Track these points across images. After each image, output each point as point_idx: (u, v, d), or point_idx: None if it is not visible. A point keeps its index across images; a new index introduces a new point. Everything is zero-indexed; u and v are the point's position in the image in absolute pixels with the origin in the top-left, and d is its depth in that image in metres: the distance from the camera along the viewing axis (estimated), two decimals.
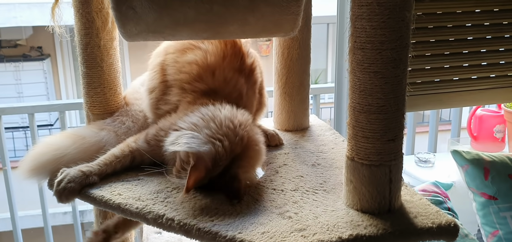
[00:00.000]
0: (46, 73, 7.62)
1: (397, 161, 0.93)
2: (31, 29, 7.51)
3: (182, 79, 1.18)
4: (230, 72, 1.18)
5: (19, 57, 7.64)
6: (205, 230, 0.92)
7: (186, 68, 1.19)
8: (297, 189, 1.07)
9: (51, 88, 7.77)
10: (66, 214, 6.29)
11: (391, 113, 0.89)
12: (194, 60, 1.18)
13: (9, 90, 7.50)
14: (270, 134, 1.33)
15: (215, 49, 1.19)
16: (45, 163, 1.11)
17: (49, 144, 1.14)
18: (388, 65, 0.86)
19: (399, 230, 0.90)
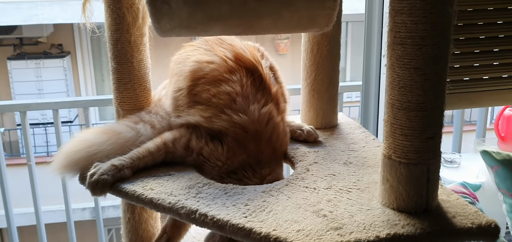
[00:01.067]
0: (66, 71, 7.70)
1: (435, 160, 0.91)
2: (52, 26, 7.60)
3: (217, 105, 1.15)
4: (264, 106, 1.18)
5: (40, 55, 7.74)
6: (239, 226, 0.91)
7: (223, 97, 1.16)
8: (330, 188, 1.05)
9: (70, 85, 7.85)
10: (85, 210, 6.37)
11: (430, 111, 0.87)
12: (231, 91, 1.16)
13: (30, 87, 7.60)
14: (307, 130, 1.31)
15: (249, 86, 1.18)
16: (78, 160, 1.12)
17: (82, 141, 1.15)
18: (429, 62, 0.84)
19: (437, 230, 0.88)
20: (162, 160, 1.17)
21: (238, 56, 1.20)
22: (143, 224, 1.36)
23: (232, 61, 1.19)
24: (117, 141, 1.16)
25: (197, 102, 1.17)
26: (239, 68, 1.18)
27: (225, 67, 1.18)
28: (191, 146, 1.16)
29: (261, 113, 1.15)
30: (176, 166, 1.18)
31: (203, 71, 1.19)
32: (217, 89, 1.16)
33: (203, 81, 1.19)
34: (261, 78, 1.20)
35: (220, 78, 1.16)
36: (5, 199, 2.27)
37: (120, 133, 1.18)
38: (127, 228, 1.37)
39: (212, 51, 1.22)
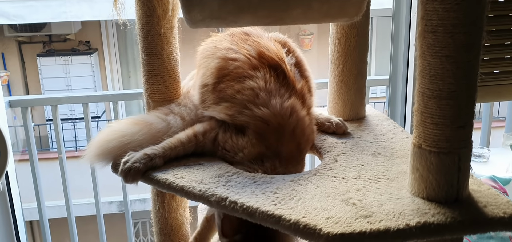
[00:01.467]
0: (93, 67, 7.84)
1: (466, 149, 0.90)
2: (80, 24, 7.75)
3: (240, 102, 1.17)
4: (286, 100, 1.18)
5: (68, 51, 7.91)
6: (268, 213, 0.92)
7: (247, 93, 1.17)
8: (359, 177, 1.06)
9: (98, 82, 8.00)
10: (112, 204, 6.49)
11: (462, 99, 0.87)
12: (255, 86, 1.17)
13: (59, 83, 7.77)
14: (336, 122, 1.32)
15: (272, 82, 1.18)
16: (111, 149, 1.15)
17: (115, 131, 1.18)
18: (461, 50, 0.84)
19: (468, 219, 0.87)
20: (193, 151, 1.19)
21: (261, 54, 1.21)
22: (172, 213, 1.39)
23: (256, 59, 1.20)
24: (149, 131, 1.18)
25: (222, 99, 1.19)
26: (263, 65, 1.19)
27: (248, 64, 1.19)
28: (218, 139, 1.19)
29: (283, 107, 1.15)
30: (205, 156, 1.20)
31: (228, 69, 1.21)
32: (241, 85, 1.17)
33: (227, 79, 1.20)
34: (284, 74, 1.20)
35: (244, 74, 1.18)
36: (37, 192, 2.34)
37: (152, 123, 1.21)
38: (157, 217, 1.40)
39: (237, 47, 1.23)
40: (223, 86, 1.20)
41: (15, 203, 1.91)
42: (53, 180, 3.84)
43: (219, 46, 1.27)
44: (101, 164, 1.18)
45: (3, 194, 1.80)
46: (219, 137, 1.18)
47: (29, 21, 7.06)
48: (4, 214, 1.82)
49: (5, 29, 7.44)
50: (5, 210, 1.81)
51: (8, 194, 1.82)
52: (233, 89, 1.18)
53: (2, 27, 7.40)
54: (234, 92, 1.17)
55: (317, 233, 0.85)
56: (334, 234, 0.84)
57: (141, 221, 7.55)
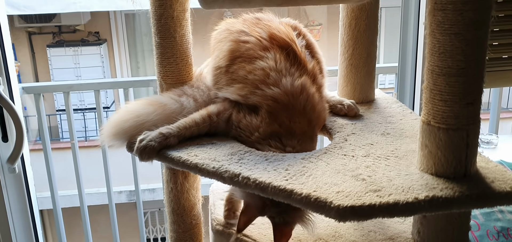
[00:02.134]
0: (103, 57, 7.90)
1: (475, 125, 0.92)
2: (89, 14, 7.81)
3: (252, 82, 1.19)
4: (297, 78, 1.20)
5: (77, 42, 7.97)
6: (280, 188, 0.95)
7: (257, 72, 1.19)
8: (368, 155, 1.08)
9: (107, 72, 8.06)
10: (121, 193, 6.56)
11: (471, 76, 0.89)
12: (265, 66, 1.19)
13: (68, 73, 7.84)
14: (348, 104, 1.34)
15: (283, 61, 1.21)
16: (127, 129, 1.18)
17: (131, 111, 1.21)
18: (470, 27, 0.85)
19: (476, 194, 0.89)
20: (207, 131, 1.22)
21: (272, 35, 1.23)
22: (185, 193, 1.42)
23: (267, 41, 1.22)
24: (163, 112, 1.21)
25: (234, 80, 1.22)
26: (273, 46, 1.21)
27: (259, 46, 1.21)
28: (232, 119, 1.22)
29: (293, 86, 1.17)
30: (218, 136, 1.23)
31: (239, 51, 1.24)
32: (252, 66, 1.20)
33: (239, 60, 1.23)
34: (295, 55, 1.23)
35: (255, 55, 1.20)
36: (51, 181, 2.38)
37: (166, 104, 1.24)
38: (170, 197, 1.43)
39: (249, 30, 1.26)
40: (235, 68, 1.23)
41: (30, 187, 1.94)
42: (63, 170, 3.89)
43: (231, 29, 1.30)
44: (117, 143, 1.21)
45: (19, 176, 1.84)
46: (233, 117, 1.21)
47: (39, 12, 7.13)
48: (20, 196, 1.86)
49: (15, 20, 7.51)
50: (21, 192, 1.85)
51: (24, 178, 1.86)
52: (244, 70, 1.20)
53: (12, 18, 7.47)
54: (245, 73, 1.20)
55: (328, 206, 0.87)
56: (345, 206, 0.86)
57: (150, 211, 7.62)
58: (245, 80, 1.20)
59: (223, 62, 1.27)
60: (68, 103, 2.43)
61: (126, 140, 1.21)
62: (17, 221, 1.89)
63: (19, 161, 1.80)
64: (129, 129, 1.18)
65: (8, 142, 1.80)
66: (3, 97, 1.69)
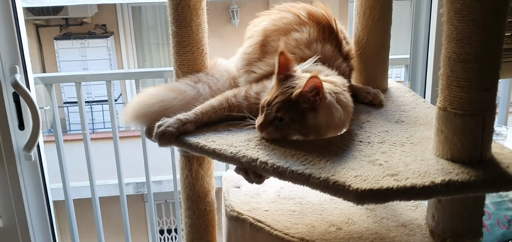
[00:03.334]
0: (109, 50, 7.94)
1: (490, 111, 0.94)
2: (96, 7, 7.83)
3: (294, 45, 1.22)
4: (334, 52, 1.24)
5: (84, 35, 8.01)
6: (298, 172, 0.97)
7: (291, 42, 1.23)
8: (384, 142, 1.10)
9: (114, 65, 8.09)
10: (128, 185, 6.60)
11: (488, 63, 0.90)
12: (299, 37, 1.23)
13: (76, 66, 7.88)
14: (374, 92, 1.35)
15: (316, 33, 1.24)
16: (153, 114, 1.20)
17: (154, 96, 1.23)
18: (488, 14, 0.87)
19: (491, 178, 0.91)
20: (226, 116, 1.23)
21: (311, 12, 1.28)
22: (199, 180, 1.44)
23: (305, 17, 1.27)
24: (184, 98, 1.24)
25: (266, 52, 1.25)
26: (311, 22, 1.26)
27: (297, 20, 1.26)
28: (250, 93, 1.22)
29: (323, 50, 1.21)
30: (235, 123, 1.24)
31: (276, 26, 1.28)
32: (287, 37, 1.24)
33: (275, 33, 1.27)
34: (331, 30, 1.26)
35: (291, 29, 1.24)
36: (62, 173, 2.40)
37: (185, 91, 1.26)
38: (185, 184, 1.45)
39: (286, 10, 1.30)
40: (269, 40, 1.27)
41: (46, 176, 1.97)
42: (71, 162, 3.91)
43: (266, 17, 1.33)
44: (139, 125, 1.23)
45: (35, 164, 1.87)
46: (251, 90, 1.21)
47: (46, 4, 7.16)
48: (36, 183, 1.89)
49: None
50: (36, 179, 1.88)
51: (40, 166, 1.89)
52: (279, 41, 1.24)
53: None
54: (280, 43, 1.23)
55: (346, 189, 0.89)
56: (363, 189, 0.88)
57: (157, 203, 7.67)
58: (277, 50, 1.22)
59: (256, 39, 1.30)
60: (80, 94, 2.45)
61: (148, 123, 1.23)
62: (33, 208, 1.93)
63: (35, 149, 1.82)
64: (155, 113, 1.20)
65: (24, 130, 1.83)
66: (20, 86, 1.72)
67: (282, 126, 1.08)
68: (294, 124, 1.07)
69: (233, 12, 7.69)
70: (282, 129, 1.08)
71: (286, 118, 1.06)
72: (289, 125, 1.07)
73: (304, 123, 1.06)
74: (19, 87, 1.72)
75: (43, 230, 2.00)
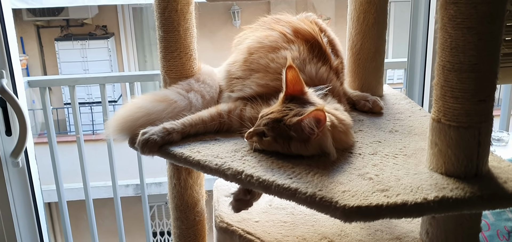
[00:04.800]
0: (110, 51, 7.91)
1: (487, 123, 0.89)
2: (97, 8, 7.81)
3: (274, 69, 1.16)
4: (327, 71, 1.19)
5: (85, 36, 7.98)
6: (284, 186, 0.92)
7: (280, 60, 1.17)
8: (376, 153, 1.05)
9: (115, 66, 8.06)
10: (128, 187, 6.57)
11: (484, 72, 0.85)
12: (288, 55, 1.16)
13: (76, 67, 7.86)
14: (373, 100, 1.31)
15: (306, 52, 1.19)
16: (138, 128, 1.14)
17: (140, 107, 1.17)
18: (483, 21, 0.82)
19: (488, 194, 0.86)
20: (217, 130, 1.18)
21: (297, 29, 1.22)
22: (188, 189, 1.40)
23: (291, 35, 1.21)
24: (174, 110, 1.19)
25: (253, 70, 1.19)
26: (298, 40, 1.20)
27: (283, 39, 1.20)
28: (246, 114, 1.16)
29: (318, 72, 1.16)
30: (222, 132, 1.19)
31: (262, 43, 1.22)
32: (275, 55, 1.18)
33: (261, 51, 1.21)
34: (320, 49, 1.21)
35: (278, 46, 1.19)
36: (55, 171, 2.37)
37: (176, 102, 1.21)
38: (173, 193, 1.41)
39: (271, 28, 1.24)
40: (255, 58, 1.21)
41: (34, 181, 1.93)
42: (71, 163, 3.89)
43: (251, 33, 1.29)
44: (123, 138, 1.18)
45: (23, 170, 1.83)
46: (246, 112, 1.16)
47: (47, 6, 7.14)
48: (24, 190, 1.85)
49: (23, 14, 7.53)
50: (24, 186, 1.84)
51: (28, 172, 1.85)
52: (267, 58, 1.18)
53: (20, 12, 7.49)
54: (268, 61, 1.18)
55: (334, 206, 0.85)
56: (351, 206, 0.83)
57: (157, 205, 7.63)
58: (267, 68, 1.17)
59: (240, 57, 1.25)
60: (74, 97, 2.41)
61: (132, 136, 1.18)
62: (20, 215, 1.89)
63: (23, 155, 1.78)
64: (140, 127, 1.15)
65: (11, 135, 1.79)
66: (6, 91, 1.68)
67: (265, 141, 1.04)
68: (277, 145, 1.03)
69: (234, 13, 7.65)
70: (266, 145, 1.04)
71: (270, 136, 1.02)
72: (270, 143, 1.03)
73: (288, 147, 1.02)
74: (5, 92, 1.68)
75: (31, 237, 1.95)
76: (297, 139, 1.00)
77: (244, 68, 1.23)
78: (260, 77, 1.17)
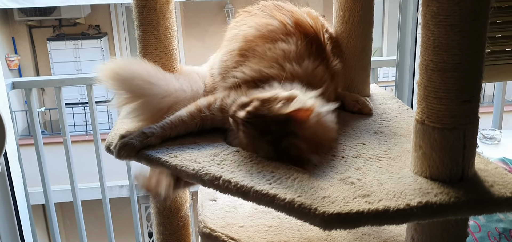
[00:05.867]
0: (103, 51, 7.84)
1: (472, 125, 0.85)
2: (89, 7, 7.74)
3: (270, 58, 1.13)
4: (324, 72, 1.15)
5: (78, 36, 7.91)
6: (262, 192, 0.88)
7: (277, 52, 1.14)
8: (359, 156, 1.01)
9: None
10: (123, 188, 6.52)
11: (468, 72, 0.81)
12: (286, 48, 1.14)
13: (69, 67, 7.79)
14: (362, 101, 1.27)
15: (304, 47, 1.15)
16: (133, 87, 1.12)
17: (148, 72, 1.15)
18: (467, 18, 0.78)
19: (473, 199, 0.82)
20: (200, 129, 1.14)
21: (298, 22, 1.18)
22: None
23: (292, 27, 1.16)
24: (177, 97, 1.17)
25: (248, 57, 1.15)
26: (298, 33, 1.15)
27: (283, 30, 1.16)
28: (227, 102, 1.11)
29: (315, 70, 1.12)
30: (203, 136, 1.15)
31: (260, 32, 1.17)
32: (273, 45, 1.14)
33: (259, 39, 1.16)
34: (320, 45, 1.17)
35: (277, 38, 1.14)
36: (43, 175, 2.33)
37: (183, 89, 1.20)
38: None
39: (271, 15, 1.20)
40: (252, 46, 1.16)
41: (17, 185, 1.89)
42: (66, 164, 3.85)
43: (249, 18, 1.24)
44: (112, 88, 1.12)
45: (3, 176, 1.78)
46: (227, 100, 1.11)
47: (38, 5, 7.07)
48: (4, 195, 1.80)
49: (15, 14, 7.46)
50: (4, 191, 1.80)
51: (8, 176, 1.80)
52: (264, 47, 1.14)
53: (12, 11, 7.42)
54: (265, 49, 1.14)
55: (313, 213, 0.81)
56: (330, 213, 0.79)
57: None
58: (263, 55, 1.13)
59: (236, 45, 1.19)
60: (60, 99, 2.38)
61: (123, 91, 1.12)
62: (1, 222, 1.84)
63: (2, 159, 1.74)
64: (136, 87, 1.11)
65: None
66: None
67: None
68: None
69: (228, 11, 7.60)
70: None
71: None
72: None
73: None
74: None
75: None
76: None
77: (238, 57, 1.18)
78: (257, 62, 1.13)
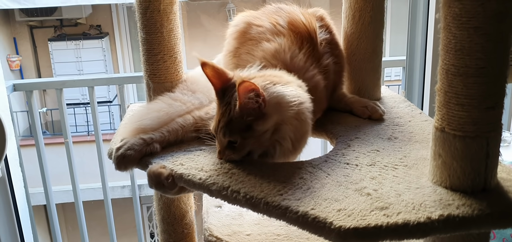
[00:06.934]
0: (105, 51, 7.79)
1: (496, 133, 0.81)
2: (91, 7, 7.70)
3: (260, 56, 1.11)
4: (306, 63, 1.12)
5: (79, 36, 7.86)
6: (274, 204, 0.84)
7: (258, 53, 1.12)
8: (374, 164, 0.96)
9: (109, 66, 7.95)
10: (125, 188, 6.48)
11: (492, 77, 0.77)
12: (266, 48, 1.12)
13: (70, 67, 7.75)
14: (371, 106, 1.21)
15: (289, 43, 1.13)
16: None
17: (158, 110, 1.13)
18: (492, 20, 0.74)
19: (498, 212, 0.78)
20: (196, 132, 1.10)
21: (292, 21, 1.15)
22: (175, 201, 1.32)
23: (283, 26, 1.15)
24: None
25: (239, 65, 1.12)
26: (289, 32, 1.14)
27: (272, 30, 1.14)
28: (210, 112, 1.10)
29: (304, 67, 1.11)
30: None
31: (250, 34, 1.16)
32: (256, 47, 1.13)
33: (249, 43, 1.15)
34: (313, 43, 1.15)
35: (263, 38, 1.13)
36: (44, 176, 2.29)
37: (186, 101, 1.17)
38: (160, 205, 1.33)
39: (266, 17, 1.18)
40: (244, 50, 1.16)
41: (18, 189, 1.85)
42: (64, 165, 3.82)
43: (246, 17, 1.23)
44: None
45: (3, 180, 1.74)
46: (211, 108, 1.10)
47: (39, 5, 7.04)
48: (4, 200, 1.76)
49: (16, 14, 7.42)
50: (5, 196, 1.76)
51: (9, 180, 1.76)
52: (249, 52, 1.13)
53: (13, 12, 7.38)
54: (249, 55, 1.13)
55: (328, 227, 0.76)
56: (347, 228, 0.75)
57: None
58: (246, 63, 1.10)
59: (232, 46, 1.19)
60: (61, 101, 2.34)
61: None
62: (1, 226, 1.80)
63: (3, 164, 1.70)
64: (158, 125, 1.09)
65: None
66: None
67: (237, 148, 0.96)
68: (247, 141, 0.95)
69: (230, 11, 7.55)
70: (240, 150, 0.96)
71: (238, 140, 0.95)
72: (243, 145, 0.96)
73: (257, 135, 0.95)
74: None
75: None
76: (256, 119, 0.93)
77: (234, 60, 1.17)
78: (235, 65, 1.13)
